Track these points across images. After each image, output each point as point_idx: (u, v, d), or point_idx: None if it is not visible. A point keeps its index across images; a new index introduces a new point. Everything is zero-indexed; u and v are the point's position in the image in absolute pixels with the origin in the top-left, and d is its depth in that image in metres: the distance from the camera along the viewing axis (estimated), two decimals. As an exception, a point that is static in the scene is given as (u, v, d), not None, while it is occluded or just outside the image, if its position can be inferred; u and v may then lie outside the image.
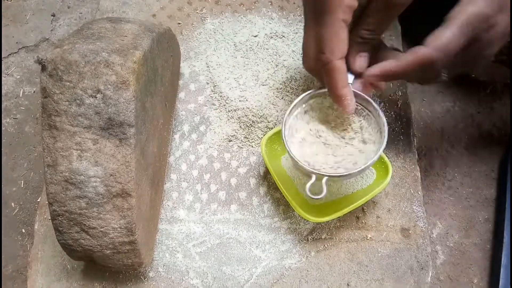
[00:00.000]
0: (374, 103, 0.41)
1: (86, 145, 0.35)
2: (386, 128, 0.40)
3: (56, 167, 0.35)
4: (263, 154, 0.45)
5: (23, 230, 0.54)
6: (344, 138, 0.43)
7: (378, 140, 0.41)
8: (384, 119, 0.40)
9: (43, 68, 0.34)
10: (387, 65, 0.39)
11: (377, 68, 0.40)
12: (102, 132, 0.35)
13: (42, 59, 0.34)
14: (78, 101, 0.34)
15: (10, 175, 0.57)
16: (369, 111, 0.42)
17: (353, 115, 0.42)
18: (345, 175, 0.39)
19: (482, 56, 0.39)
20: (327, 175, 0.38)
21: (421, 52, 0.37)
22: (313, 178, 0.39)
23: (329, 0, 0.37)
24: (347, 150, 0.42)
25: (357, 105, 0.42)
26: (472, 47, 0.38)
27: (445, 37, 0.37)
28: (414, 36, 0.65)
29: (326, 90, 0.41)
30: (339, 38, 0.38)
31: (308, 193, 0.38)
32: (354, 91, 0.41)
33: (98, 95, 0.34)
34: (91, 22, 0.40)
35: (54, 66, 0.34)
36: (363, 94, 0.41)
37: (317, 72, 0.42)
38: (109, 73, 0.34)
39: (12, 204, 0.56)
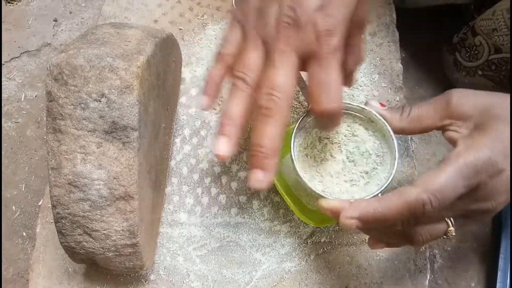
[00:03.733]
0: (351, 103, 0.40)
1: (90, 148, 0.35)
2: (379, 116, 0.38)
3: (60, 170, 0.36)
4: (263, 158, 0.46)
5: (24, 234, 0.55)
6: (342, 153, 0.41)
7: (378, 140, 0.40)
8: (373, 111, 0.39)
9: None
10: (367, 207, 0.32)
11: (354, 211, 0.32)
12: (106, 136, 0.35)
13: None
14: (82, 105, 0.35)
15: (12, 178, 0.58)
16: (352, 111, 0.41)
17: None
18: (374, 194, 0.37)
19: (484, 210, 0.33)
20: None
21: (410, 193, 0.31)
22: None
23: (334, 44, 0.33)
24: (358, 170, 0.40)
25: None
26: (473, 196, 0.32)
27: (441, 180, 0.31)
28: (411, 42, 0.66)
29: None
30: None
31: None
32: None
33: (103, 99, 0.35)
34: (95, 27, 0.41)
35: (59, 71, 0.35)
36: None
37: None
38: (114, 77, 0.35)
39: (13, 207, 0.56)
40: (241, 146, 0.51)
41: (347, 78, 0.40)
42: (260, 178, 0.33)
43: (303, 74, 0.36)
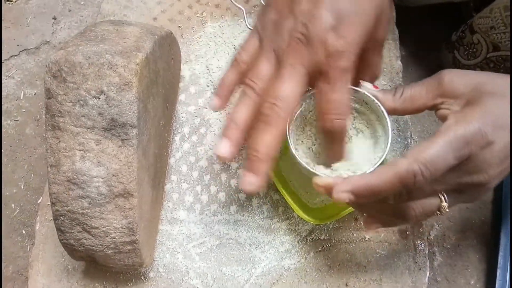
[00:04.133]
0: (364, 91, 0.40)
1: (89, 145, 0.35)
2: (382, 108, 0.38)
3: (59, 167, 0.36)
4: (262, 156, 0.46)
5: (23, 231, 0.55)
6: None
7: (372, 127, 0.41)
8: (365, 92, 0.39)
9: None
10: (359, 180, 0.32)
11: (347, 184, 0.32)
12: (105, 133, 0.35)
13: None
14: (81, 102, 0.35)
15: (11, 176, 0.58)
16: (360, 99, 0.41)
17: None
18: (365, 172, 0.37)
19: (477, 184, 0.33)
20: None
21: (401, 164, 0.31)
22: None
23: (343, 65, 0.33)
24: (358, 146, 0.41)
25: None
26: (464, 168, 0.32)
27: (431, 150, 0.31)
28: (410, 40, 0.66)
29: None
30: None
31: None
32: None
33: (101, 96, 0.35)
34: (94, 25, 0.40)
35: (58, 68, 0.34)
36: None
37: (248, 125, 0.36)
38: (112, 74, 0.35)
39: (13, 205, 0.56)
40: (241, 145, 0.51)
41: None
42: (252, 181, 0.34)
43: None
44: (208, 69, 0.54)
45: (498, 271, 0.51)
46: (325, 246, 0.46)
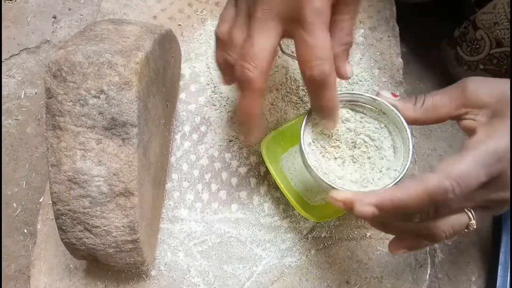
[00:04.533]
0: (360, 93, 0.39)
1: (89, 144, 0.35)
2: (391, 107, 0.37)
3: (60, 166, 0.36)
4: (263, 154, 0.46)
5: (25, 231, 0.55)
6: (349, 146, 0.40)
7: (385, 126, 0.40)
8: (383, 100, 0.38)
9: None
10: (385, 194, 0.30)
11: (371, 198, 0.30)
12: (105, 132, 0.35)
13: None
14: (81, 101, 0.35)
15: (12, 176, 0.58)
16: (359, 102, 0.40)
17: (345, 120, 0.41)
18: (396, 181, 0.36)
19: (504, 200, 0.32)
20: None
21: (431, 180, 0.29)
22: None
23: (318, 6, 0.32)
24: (367, 158, 0.40)
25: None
26: (494, 185, 0.31)
27: (462, 166, 0.29)
28: (411, 37, 0.66)
29: None
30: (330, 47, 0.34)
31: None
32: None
33: (102, 96, 0.35)
34: (94, 24, 0.40)
35: (58, 67, 0.34)
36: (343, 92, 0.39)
37: (261, 90, 0.36)
38: (112, 74, 0.35)
39: (14, 204, 0.56)
40: (241, 143, 0.51)
41: (338, 65, 0.37)
42: (250, 141, 0.39)
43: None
44: (208, 67, 0.54)
45: (499, 268, 0.51)
46: (326, 244, 0.46)
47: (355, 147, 0.40)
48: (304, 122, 0.39)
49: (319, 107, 0.36)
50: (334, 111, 0.37)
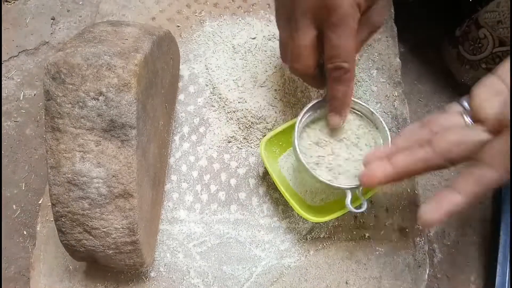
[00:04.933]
0: (363, 103, 0.43)
1: (88, 146, 0.35)
2: (384, 125, 0.42)
3: (59, 168, 0.36)
4: (262, 155, 0.46)
5: (25, 232, 0.55)
6: (350, 145, 0.44)
7: (377, 138, 0.43)
8: (379, 116, 0.42)
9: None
10: (451, 204, 0.32)
11: (440, 212, 0.33)
12: (104, 134, 0.35)
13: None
14: (80, 103, 0.35)
15: (11, 177, 0.58)
16: (360, 112, 0.44)
17: (349, 121, 0.44)
18: None
19: None
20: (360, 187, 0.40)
21: (489, 177, 0.31)
22: (349, 193, 0.40)
23: (345, 7, 0.36)
24: (358, 158, 0.43)
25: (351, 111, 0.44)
26: None
27: None
28: (409, 37, 0.66)
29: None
30: (355, 47, 0.38)
31: (352, 209, 0.39)
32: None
33: (100, 98, 0.35)
34: (92, 25, 0.41)
35: (57, 69, 0.35)
36: (353, 98, 0.43)
37: (311, 76, 0.41)
38: (111, 75, 0.35)
39: (14, 206, 0.56)
40: (240, 143, 0.51)
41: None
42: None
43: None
44: (207, 68, 0.54)
45: (498, 267, 0.51)
46: (325, 244, 0.46)
47: (347, 150, 0.43)
48: (298, 123, 0.42)
49: (332, 97, 0.41)
50: (344, 106, 0.41)
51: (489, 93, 0.36)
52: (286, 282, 0.45)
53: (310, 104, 0.43)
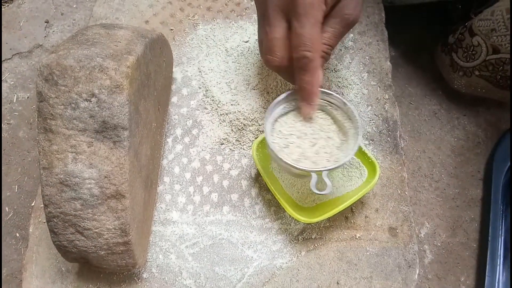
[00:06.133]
0: (336, 95, 0.44)
1: (81, 147, 0.36)
2: (356, 114, 0.43)
3: (51, 169, 0.36)
4: (254, 157, 0.47)
5: (17, 234, 0.55)
6: (320, 134, 0.44)
7: (349, 128, 0.44)
8: (352, 107, 0.43)
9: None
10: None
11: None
12: (96, 135, 0.36)
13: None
14: (73, 105, 0.35)
15: (4, 180, 0.58)
16: (334, 104, 0.45)
17: (319, 111, 0.45)
18: (341, 164, 0.40)
19: None
20: (326, 169, 0.40)
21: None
22: (314, 176, 0.40)
23: (310, 2, 0.38)
24: (326, 145, 0.43)
25: (321, 102, 0.45)
26: None
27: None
28: (400, 41, 0.67)
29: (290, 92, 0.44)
30: (320, 38, 0.40)
31: (316, 190, 0.40)
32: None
33: (93, 99, 0.35)
34: (85, 28, 0.41)
35: (49, 71, 0.35)
36: (325, 90, 0.44)
37: (287, 69, 0.42)
38: (104, 77, 0.35)
39: (7, 208, 0.56)
40: (232, 145, 0.51)
41: None
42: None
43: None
44: (200, 71, 0.55)
45: (488, 268, 0.52)
46: (316, 245, 0.47)
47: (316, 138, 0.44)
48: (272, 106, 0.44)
49: (299, 88, 0.42)
50: (311, 95, 0.42)
51: None
52: (278, 283, 0.45)
53: (283, 96, 0.44)
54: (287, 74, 0.44)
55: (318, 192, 0.40)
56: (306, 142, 0.43)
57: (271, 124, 0.44)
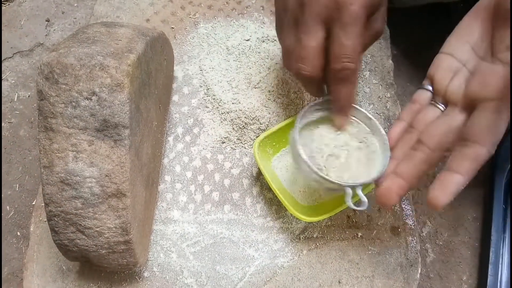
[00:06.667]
0: (362, 110, 0.43)
1: (81, 146, 0.36)
2: (381, 128, 0.42)
3: (52, 168, 0.36)
4: (255, 156, 0.46)
5: (19, 233, 0.55)
6: (349, 146, 0.43)
7: (375, 142, 0.43)
8: (377, 122, 0.43)
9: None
10: (454, 185, 0.35)
11: (447, 194, 0.35)
12: (97, 134, 0.36)
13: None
14: (73, 103, 0.35)
15: (5, 178, 0.58)
16: (358, 118, 0.44)
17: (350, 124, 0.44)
18: (376, 178, 0.39)
19: None
20: (360, 184, 0.39)
21: (479, 154, 0.34)
22: (349, 191, 0.39)
23: (357, 6, 0.36)
24: (358, 159, 0.43)
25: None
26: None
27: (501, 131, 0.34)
28: (402, 39, 0.66)
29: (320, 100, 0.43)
30: (361, 50, 0.39)
31: (353, 206, 0.39)
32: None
33: (93, 97, 0.35)
34: (86, 26, 0.41)
35: (50, 69, 0.35)
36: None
37: (317, 80, 0.40)
38: (104, 76, 0.35)
39: (8, 207, 0.56)
40: (234, 144, 0.51)
41: None
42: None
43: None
44: (201, 70, 0.55)
45: (490, 267, 0.52)
46: (318, 244, 0.47)
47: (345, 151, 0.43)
48: (300, 116, 0.42)
49: (335, 99, 0.41)
50: (346, 108, 0.41)
51: (447, 74, 0.39)
52: (279, 282, 0.45)
53: (307, 106, 0.43)
54: (315, 85, 0.42)
55: (356, 208, 0.39)
56: (342, 156, 0.42)
57: (298, 134, 0.42)
